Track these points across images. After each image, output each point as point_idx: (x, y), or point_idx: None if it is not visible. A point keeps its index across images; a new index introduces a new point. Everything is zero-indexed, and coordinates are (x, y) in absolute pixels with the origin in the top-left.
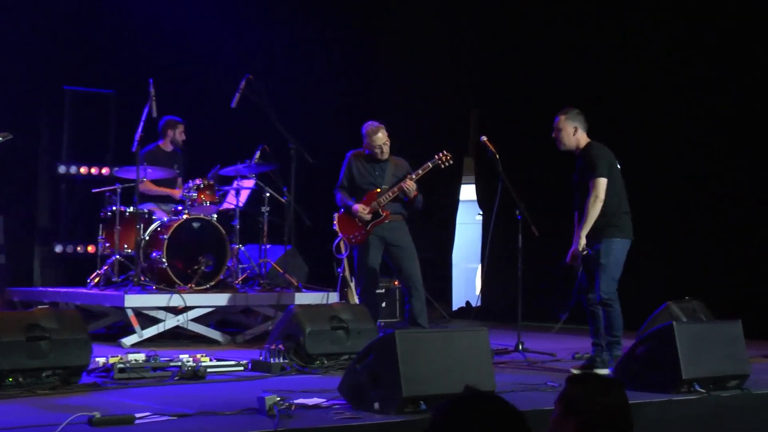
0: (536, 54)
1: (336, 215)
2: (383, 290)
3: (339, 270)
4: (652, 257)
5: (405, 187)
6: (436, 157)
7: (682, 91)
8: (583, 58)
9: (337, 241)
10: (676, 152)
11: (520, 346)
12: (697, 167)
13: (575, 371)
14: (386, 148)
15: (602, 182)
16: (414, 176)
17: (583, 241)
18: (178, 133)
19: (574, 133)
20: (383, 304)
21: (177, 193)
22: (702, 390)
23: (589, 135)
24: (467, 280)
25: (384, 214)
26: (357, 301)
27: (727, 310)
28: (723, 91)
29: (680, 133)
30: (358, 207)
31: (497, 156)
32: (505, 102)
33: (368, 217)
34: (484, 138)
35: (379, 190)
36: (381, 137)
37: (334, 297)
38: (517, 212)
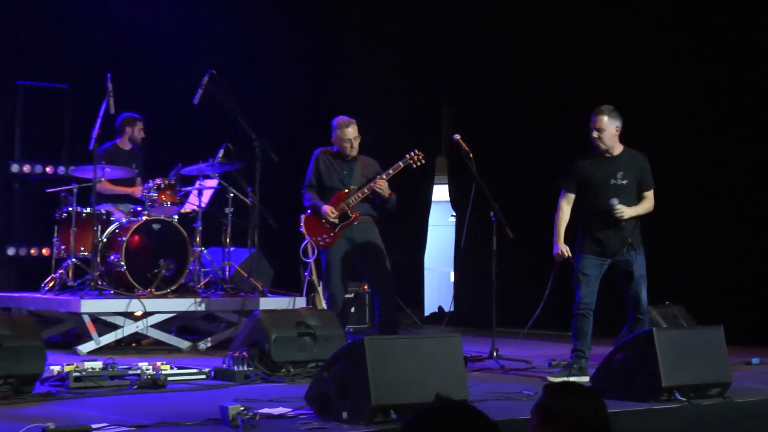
0: (511, 48)
1: (303, 217)
2: (352, 295)
3: (306, 274)
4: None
5: (377, 188)
6: (408, 156)
7: (657, 94)
8: (561, 52)
9: (304, 244)
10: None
11: (495, 353)
12: (675, 170)
13: (552, 379)
14: (356, 144)
15: (651, 195)
16: (384, 176)
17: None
18: (137, 131)
19: (615, 133)
20: (352, 310)
21: (136, 192)
22: (682, 398)
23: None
24: (440, 284)
25: (353, 215)
26: (325, 306)
27: (709, 316)
28: (697, 97)
29: (660, 136)
30: (327, 208)
31: (471, 155)
32: (479, 98)
33: (337, 219)
34: (457, 136)
35: (347, 190)
36: (351, 131)
37: (300, 302)
38: (492, 213)
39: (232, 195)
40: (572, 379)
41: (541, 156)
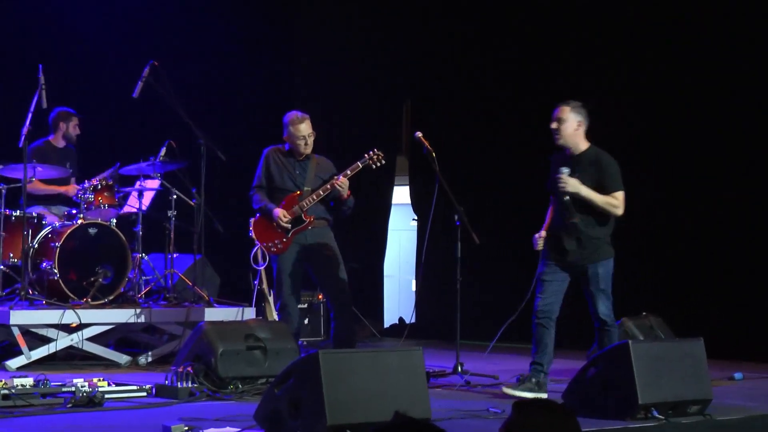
0: (478, 39)
1: (252, 221)
2: (305, 305)
3: (255, 282)
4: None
5: (337, 185)
6: (366, 156)
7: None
8: (532, 43)
9: (254, 250)
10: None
11: (459, 368)
12: (655, 177)
13: (508, 391)
14: (310, 141)
15: (623, 196)
16: (341, 178)
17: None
18: (72, 127)
19: (576, 129)
20: (306, 321)
21: (71, 193)
22: (660, 416)
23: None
24: (400, 293)
25: (307, 219)
26: (276, 317)
27: (688, 327)
28: (679, 105)
29: (639, 141)
30: (278, 212)
31: (433, 154)
32: (443, 92)
33: (285, 225)
34: (419, 134)
35: (300, 192)
36: (305, 128)
37: (249, 312)
38: (456, 217)
39: (175, 197)
40: (527, 395)
41: (512, 155)
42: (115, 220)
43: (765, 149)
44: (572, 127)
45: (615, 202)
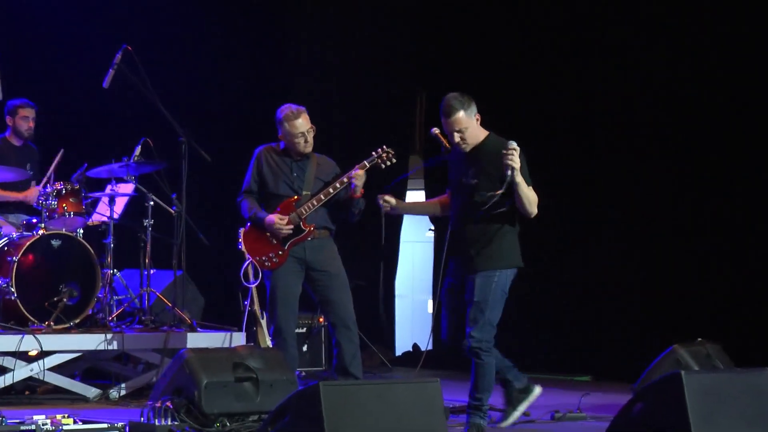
0: (505, 21)
1: (242, 231)
2: (304, 329)
3: (246, 303)
4: (650, 287)
5: (353, 179)
6: (374, 154)
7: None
8: (564, 29)
9: (244, 266)
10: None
11: None
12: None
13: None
14: (310, 138)
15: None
16: (346, 179)
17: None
18: (20, 120)
19: (478, 124)
20: (304, 348)
21: (30, 199)
22: None
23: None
24: (415, 315)
25: (306, 228)
26: (270, 343)
27: (751, 356)
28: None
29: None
30: (273, 218)
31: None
32: (462, 83)
33: (286, 232)
34: (436, 130)
35: (297, 197)
36: (302, 123)
37: (239, 338)
38: None
39: (152, 203)
40: None
41: (541, 153)
42: (82, 231)
43: None
44: (474, 125)
45: (535, 198)
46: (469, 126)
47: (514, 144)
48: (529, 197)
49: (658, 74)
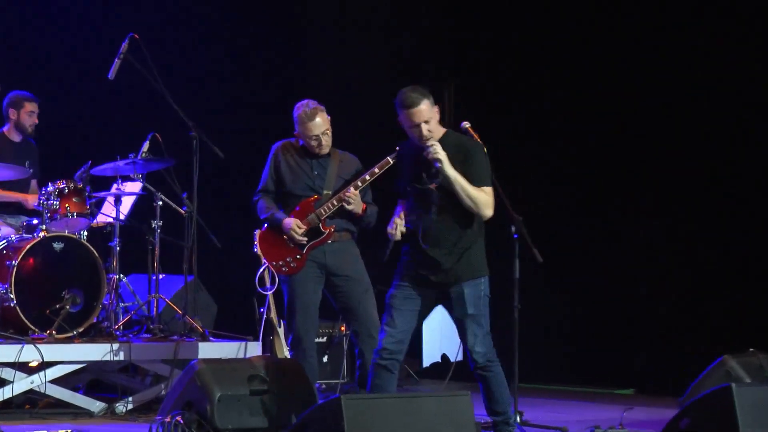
0: (535, 7)
1: (257, 233)
2: (324, 339)
3: (262, 310)
4: (697, 292)
5: (345, 201)
6: (397, 150)
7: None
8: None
9: (260, 271)
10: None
11: (518, 418)
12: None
13: None
14: (326, 139)
15: (492, 192)
16: (368, 177)
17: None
18: (25, 115)
19: (438, 116)
20: (325, 359)
21: (30, 200)
22: None
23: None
24: (443, 324)
25: (326, 231)
26: (287, 354)
27: None
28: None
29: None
30: (291, 222)
31: (485, 149)
32: (494, 73)
33: (303, 238)
34: (466, 124)
35: (317, 197)
36: (319, 123)
37: (254, 348)
38: (513, 228)
39: (161, 203)
40: None
41: (582, 151)
42: (86, 233)
43: None
44: (437, 118)
45: (485, 198)
46: (433, 118)
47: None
48: (472, 195)
49: (699, 61)
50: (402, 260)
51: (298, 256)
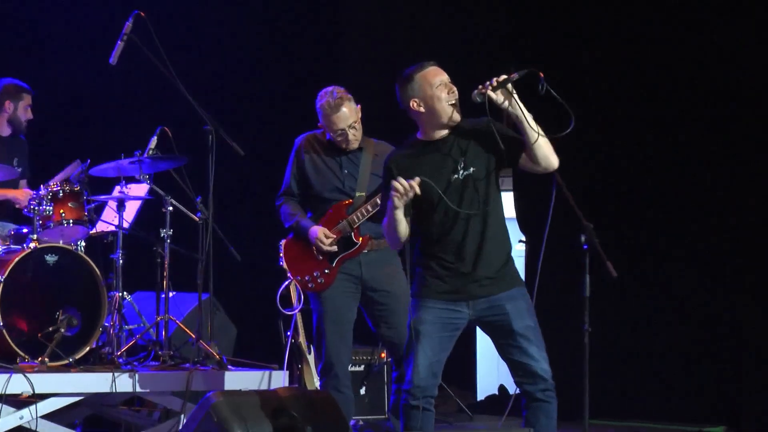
0: None
1: (283, 243)
2: (362, 367)
3: (288, 334)
4: None
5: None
6: None
7: None
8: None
9: (283, 287)
10: None
11: None
12: None
13: None
14: (355, 133)
15: None
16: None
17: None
18: (22, 109)
19: None
20: (362, 390)
21: (20, 203)
22: None
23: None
24: None
25: (359, 241)
26: (318, 384)
27: None
28: None
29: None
30: (317, 231)
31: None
32: (560, 57)
33: (332, 246)
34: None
35: (350, 201)
36: (345, 115)
37: (279, 378)
38: (583, 238)
39: (171, 209)
40: None
41: (664, 149)
42: (83, 243)
43: None
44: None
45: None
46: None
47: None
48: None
49: None
50: (422, 273)
51: (326, 270)
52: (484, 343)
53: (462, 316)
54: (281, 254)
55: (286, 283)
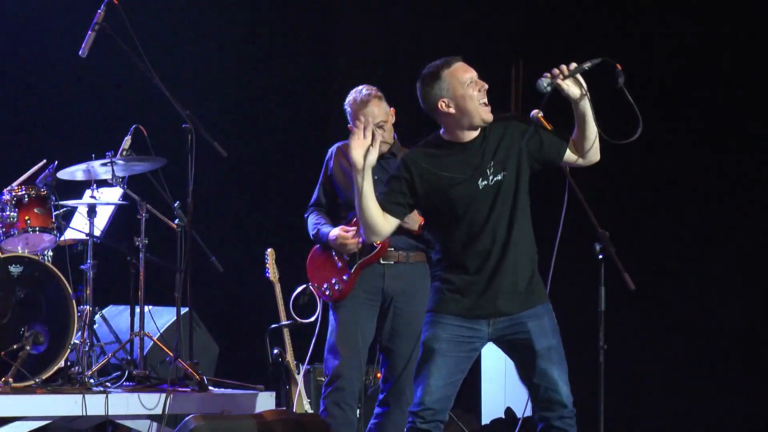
0: None
1: (311, 254)
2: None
3: (275, 352)
4: None
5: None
6: None
7: None
8: None
9: (296, 292)
10: None
11: None
12: None
13: None
14: (383, 134)
15: None
16: None
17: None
18: None
19: None
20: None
21: None
22: None
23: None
24: (508, 370)
25: (378, 245)
26: (308, 407)
27: None
28: None
29: None
30: (336, 230)
31: None
32: (573, 48)
33: (353, 247)
34: (538, 113)
35: None
36: (374, 112)
37: (266, 400)
38: (598, 247)
39: (146, 215)
40: None
41: (684, 149)
42: (51, 253)
43: None
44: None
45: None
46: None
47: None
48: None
49: None
50: (440, 287)
51: (345, 277)
52: (489, 362)
53: (481, 335)
54: (267, 265)
55: (301, 288)
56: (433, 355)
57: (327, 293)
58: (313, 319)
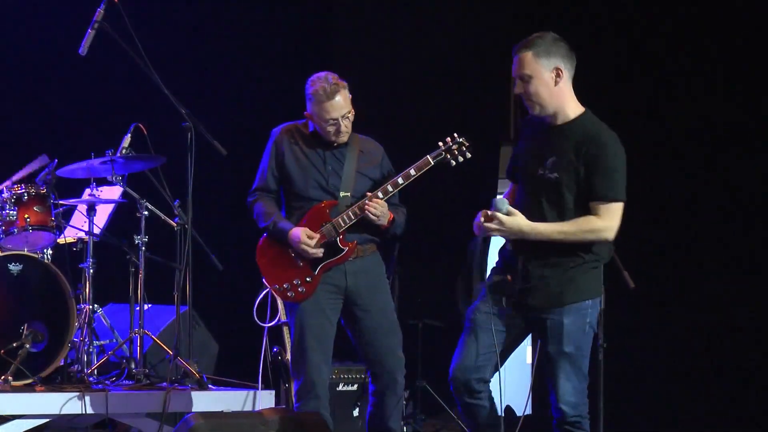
0: None
1: (259, 245)
2: (355, 386)
3: (275, 350)
4: None
5: (368, 212)
6: (442, 145)
7: None
8: None
9: (260, 297)
10: None
11: None
12: None
13: None
14: (347, 125)
15: (619, 209)
16: (401, 181)
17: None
18: None
19: (556, 82)
20: (355, 412)
21: None
22: None
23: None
24: (508, 369)
25: (345, 247)
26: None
27: None
28: None
29: None
30: (299, 233)
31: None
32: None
33: (317, 251)
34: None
35: (333, 202)
36: (340, 104)
37: (265, 398)
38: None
39: (146, 213)
40: None
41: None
42: (50, 251)
43: None
44: (547, 80)
45: (598, 225)
46: (535, 73)
47: (497, 205)
48: (582, 231)
49: None
50: (490, 274)
51: (308, 278)
52: None
53: (517, 323)
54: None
55: (264, 291)
56: (472, 325)
57: (290, 294)
58: (279, 322)
